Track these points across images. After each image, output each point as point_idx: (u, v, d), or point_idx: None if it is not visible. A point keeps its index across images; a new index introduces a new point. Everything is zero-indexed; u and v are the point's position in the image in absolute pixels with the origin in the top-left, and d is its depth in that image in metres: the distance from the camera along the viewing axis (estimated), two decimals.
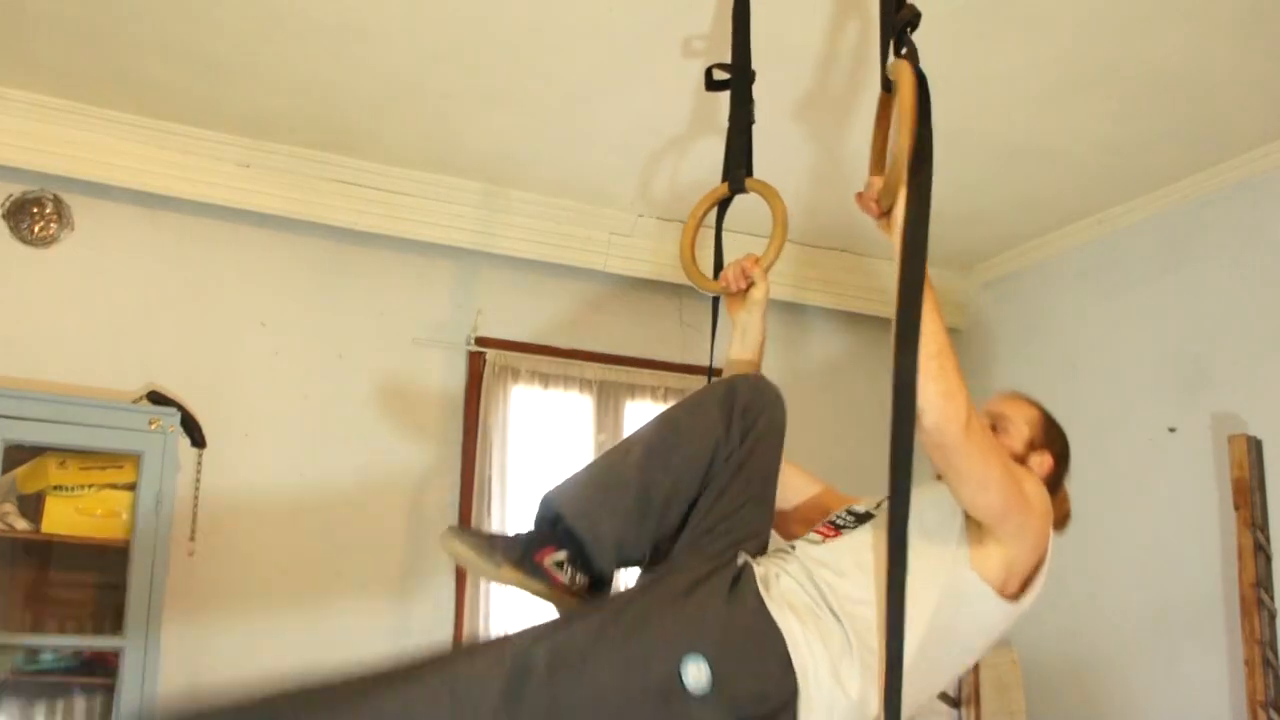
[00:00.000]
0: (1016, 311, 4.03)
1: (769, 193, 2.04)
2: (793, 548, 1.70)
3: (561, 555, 1.62)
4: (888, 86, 1.67)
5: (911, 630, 1.51)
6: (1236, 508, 3.00)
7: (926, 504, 1.60)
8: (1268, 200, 3.17)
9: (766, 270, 2.00)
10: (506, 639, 1.54)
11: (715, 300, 2.13)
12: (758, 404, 1.68)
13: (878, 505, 1.71)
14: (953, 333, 1.84)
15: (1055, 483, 1.83)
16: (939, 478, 1.63)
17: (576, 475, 1.69)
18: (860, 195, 1.63)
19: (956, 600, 1.60)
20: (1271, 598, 2.91)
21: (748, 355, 1.98)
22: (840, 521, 1.73)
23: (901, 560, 1.47)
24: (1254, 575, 2.92)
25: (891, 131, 1.72)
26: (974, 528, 1.62)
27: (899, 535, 1.46)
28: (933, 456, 1.53)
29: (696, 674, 1.46)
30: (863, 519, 1.70)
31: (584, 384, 3.81)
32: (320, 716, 1.41)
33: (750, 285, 2.00)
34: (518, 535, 1.66)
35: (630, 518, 1.62)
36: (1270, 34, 2.56)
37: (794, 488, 1.95)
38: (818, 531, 1.73)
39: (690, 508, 1.65)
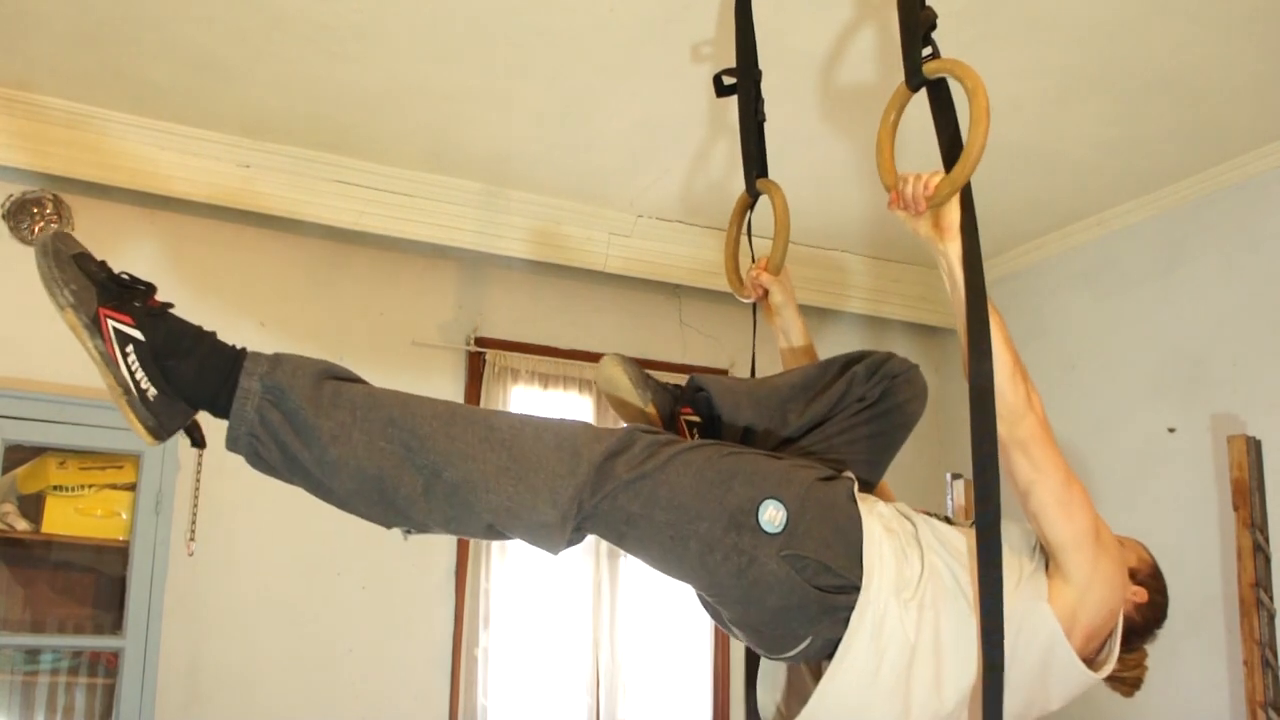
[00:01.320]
0: (1018, 311, 4.03)
1: (773, 192, 2.02)
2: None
3: (695, 418, 1.78)
4: (916, 85, 1.69)
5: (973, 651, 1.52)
6: (1236, 508, 3.01)
7: (1011, 526, 1.61)
8: (1267, 201, 3.17)
9: (776, 271, 1.99)
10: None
11: (754, 306, 2.14)
12: (904, 386, 1.76)
13: (970, 523, 1.71)
14: (952, 334, 1.85)
15: (1141, 629, 1.77)
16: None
17: (730, 377, 1.84)
18: (900, 193, 1.61)
19: (1028, 632, 1.56)
20: (1271, 598, 2.91)
21: (798, 357, 2.00)
22: (930, 512, 1.75)
23: (995, 562, 1.48)
24: (1253, 575, 2.92)
25: (888, 128, 1.74)
26: (1052, 563, 1.61)
27: (991, 543, 1.48)
28: (1014, 460, 1.55)
29: (773, 515, 1.52)
30: (948, 521, 1.72)
31: (584, 385, 3.81)
32: (447, 423, 1.51)
33: (766, 291, 2.02)
34: (668, 386, 1.84)
35: (766, 419, 1.75)
36: (1270, 35, 2.57)
37: None
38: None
39: (815, 428, 1.75)
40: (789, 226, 1.98)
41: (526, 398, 3.71)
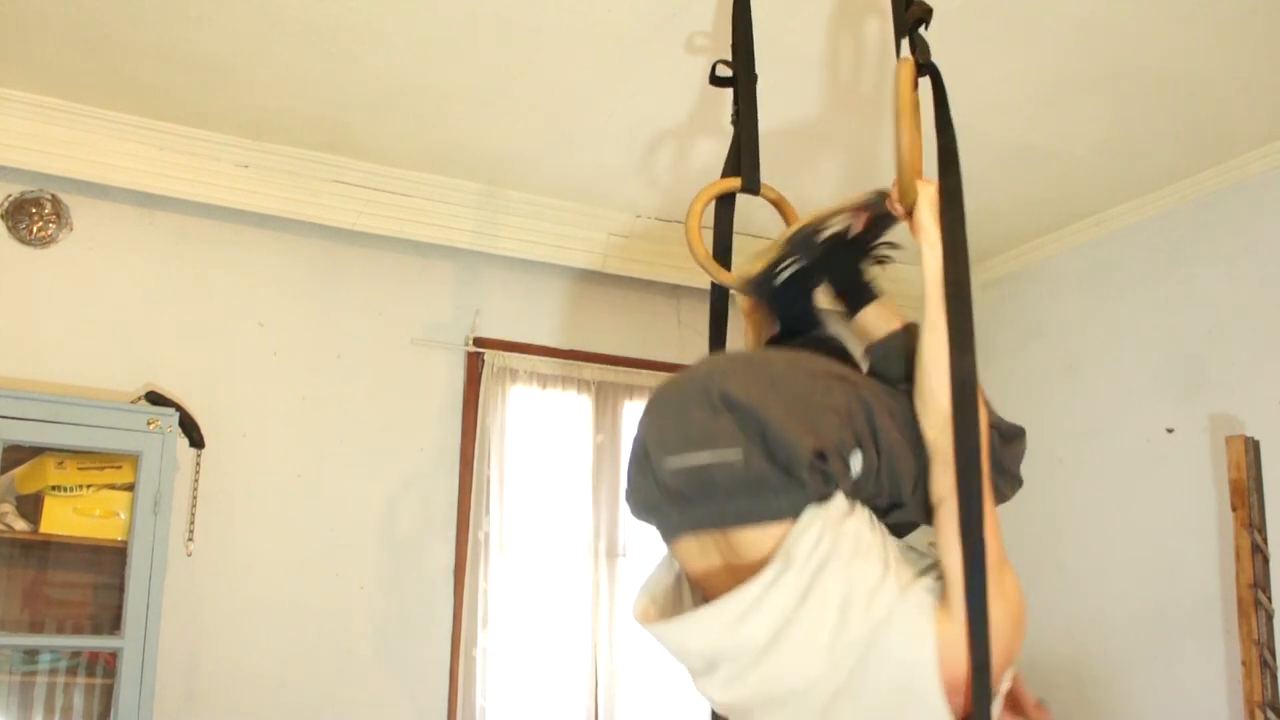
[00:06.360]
0: (1016, 311, 4.03)
1: (784, 204, 2.02)
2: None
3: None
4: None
5: (814, 649, 1.38)
6: (1234, 509, 3.01)
7: (915, 543, 1.53)
8: (1266, 201, 3.18)
9: None
10: None
11: (716, 290, 2.09)
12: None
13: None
14: None
15: None
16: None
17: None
18: (889, 198, 1.61)
19: (891, 647, 1.36)
20: (1269, 598, 2.91)
21: None
22: None
23: (979, 567, 1.38)
24: (1251, 576, 2.93)
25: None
26: (945, 593, 1.43)
27: (975, 545, 1.39)
28: (935, 467, 1.47)
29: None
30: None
31: (582, 384, 3.81)
32: None
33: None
34: None
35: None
36: (1270, 34, 2.57)
37: None
38: None
39: None
40: None
41: (525, 398, 3.72)
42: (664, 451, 1.48)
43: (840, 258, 1.71)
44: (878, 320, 1.73)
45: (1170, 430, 3.38)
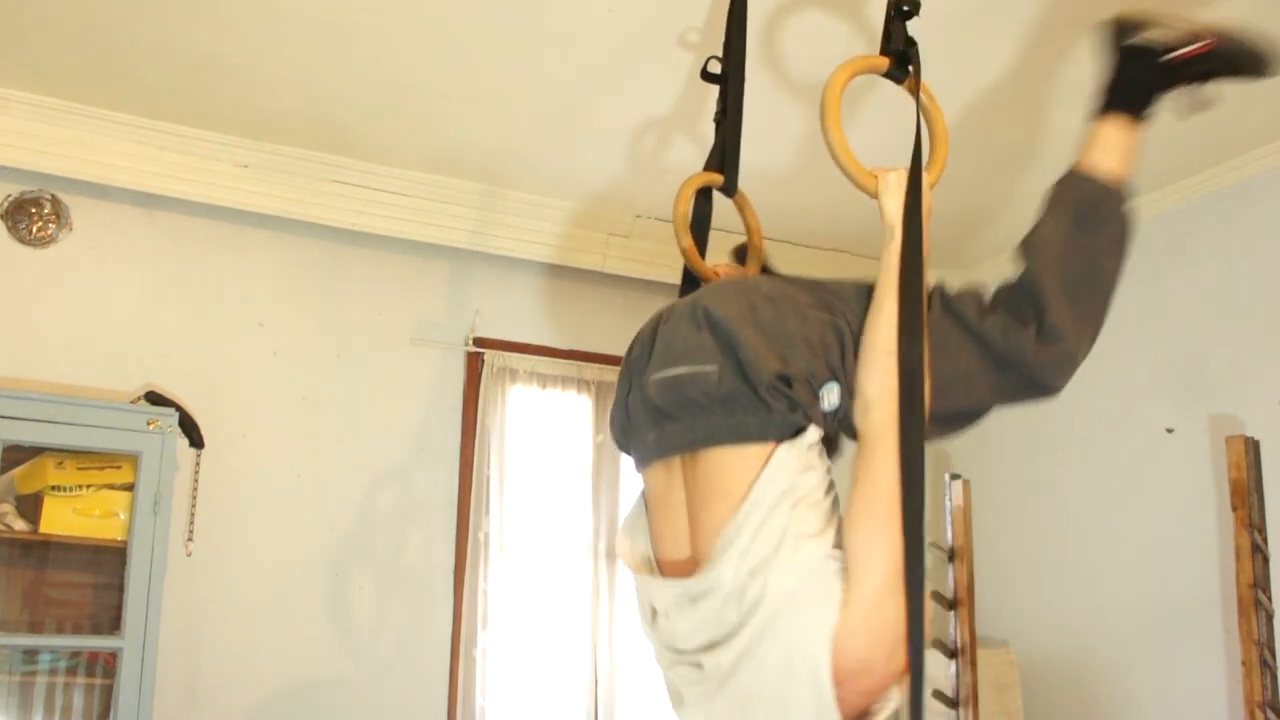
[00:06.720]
0: None
1: (747, 209, 2.11)
2: None
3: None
4: (893, 76, 1.71)
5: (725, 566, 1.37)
6: (1234, 508, 3.00)
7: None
8: (1267, 201, 3.18)
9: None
10: None
11: (686, 277, 2.11)
12: None
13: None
14: None
15: None
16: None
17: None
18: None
19: (798, 610, 1.33)
20: (1269, 598, 2.91)
21: None
22: None
23: (920, 558, 1.34)
24: (1251, 576, 2.92)
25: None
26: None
27: (915, 538, 1.34)
28: (857, 450, 1.45)
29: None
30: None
31: (582, 385, 3.81)
32: None
33: None
34: None
35: None
36: (1270, 36, 2.56)
37: None
38: None
39: None
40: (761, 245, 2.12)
41: (525, 398, 3.72)
42: (651, 365, 1.53)
43: (1141, 65, 1.77)
44: (1103, 146, 1.81)
45: (1170, 430, 3.38)
